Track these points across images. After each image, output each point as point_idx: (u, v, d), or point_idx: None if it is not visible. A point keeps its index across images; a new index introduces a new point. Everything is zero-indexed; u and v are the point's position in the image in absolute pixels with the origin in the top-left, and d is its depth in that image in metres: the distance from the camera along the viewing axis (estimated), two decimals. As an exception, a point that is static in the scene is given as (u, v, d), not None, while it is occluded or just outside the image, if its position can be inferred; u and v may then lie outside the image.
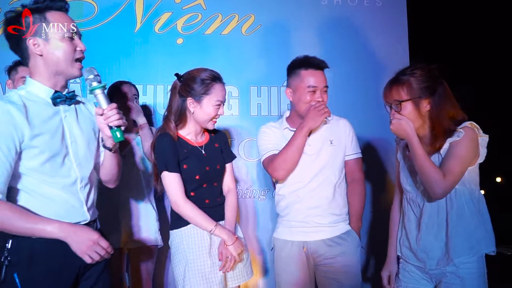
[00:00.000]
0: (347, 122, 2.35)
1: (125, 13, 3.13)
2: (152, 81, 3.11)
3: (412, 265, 1.97)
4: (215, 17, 3.19)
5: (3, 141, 1.49)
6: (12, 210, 1.50)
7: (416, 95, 1.85)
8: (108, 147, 1.74)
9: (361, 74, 3.21)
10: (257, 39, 3.20)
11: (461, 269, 1.83)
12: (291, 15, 3.23)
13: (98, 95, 1.64)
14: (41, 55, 1.59)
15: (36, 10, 1.59)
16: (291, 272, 2.23)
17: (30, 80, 1.63)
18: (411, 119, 1.86)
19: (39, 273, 1.54)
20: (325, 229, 2.21)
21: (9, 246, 1.53)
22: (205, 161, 2.08)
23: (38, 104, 1.60)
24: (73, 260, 1.58)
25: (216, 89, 2.03)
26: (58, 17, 1.61)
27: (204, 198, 2.07)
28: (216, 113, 2.06)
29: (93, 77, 1.63)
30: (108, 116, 1.62)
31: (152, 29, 3.15)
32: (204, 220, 2.00)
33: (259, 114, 3.15)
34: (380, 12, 3.28)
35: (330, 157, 2.24)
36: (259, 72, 3.18)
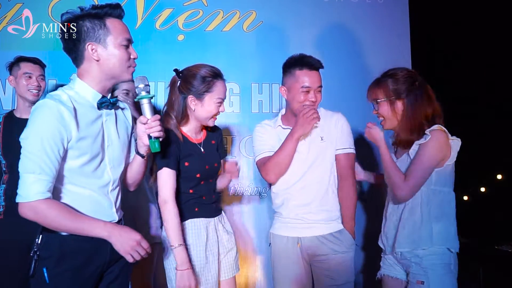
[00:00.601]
0: (340, 116, 2.33)
1: (126, 10, 2.99)
2: (153, 78, 3.10)
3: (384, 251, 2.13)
4: (216, 13, 3.18)
5: (53, 140, 1.52)
6: (59, 209, 1.54)
7: (391, 96, 2.04)
8: (141, 154, 1.79)
9: (362, 71, 3.19)
10: (259, 36, 3.19)
11: (424, 260, 1.94)
12: (293, 12, 3.23)
13: (144, 104, 1.71)
14: (98, 60, 1.62)
15: (96, 16, 1.63)
16: (287, 267, 2.26)
17: (80, 82, 1.66)
18: (388, 117, 2.07)
19: (67, 269, 1.58)
20: (318, 225, 2.22)
21: (39, 241, 1.59)
22: (205, 159, 2.09)
23: (85, 106, 1.64)
24: (99, 257, 1.64)
25: (218, 87, 2.02)
26: (116, 24, 1.66)
27: (202, 195, 2.08)
28: (217, 111, 2.05)
29: (143, 87, 1.71)
30: (151, 126, 1.69)
31: (153, 26, 3.14)
32: (175, 232, 1.92)
33: (260, 111, 3.15)
34: (382, 9, 3.28)
35: (320, 153, 2.25)
36: (261, 69, 3.17)
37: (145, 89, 1.71)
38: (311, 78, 2.19)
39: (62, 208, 1.55)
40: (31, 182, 1.49)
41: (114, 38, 1.63)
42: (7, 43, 3.01)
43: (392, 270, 2.10)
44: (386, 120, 2.08)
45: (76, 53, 1.64)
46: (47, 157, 1.51)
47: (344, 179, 2.28)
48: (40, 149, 1.50)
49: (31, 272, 1.56)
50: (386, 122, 2.09)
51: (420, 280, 1.92)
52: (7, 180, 2.54)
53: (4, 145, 2.55)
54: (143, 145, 1.75)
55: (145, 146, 1.75)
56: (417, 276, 1.94)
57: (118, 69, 1.66)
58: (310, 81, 2.18)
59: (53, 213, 1.52)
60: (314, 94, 2.19)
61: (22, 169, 1.52)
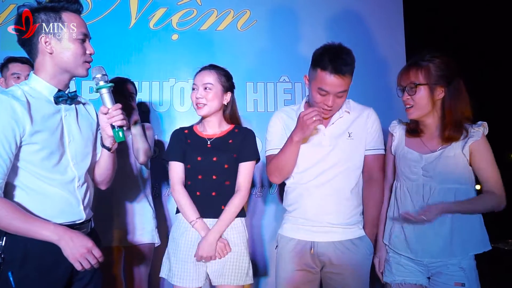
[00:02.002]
0: (372, 112, 2.14)
1: (119, 9, 3.11)
2: (147, 78, 3.09)
3: (404, 256, 1.98)
4: (210, 12, 3.17)
5: (4, 135, 1.49)
6: (9, 208, 1.49)
7: (433, 81, 1.89)
8: (107, 147, 1.76)
9: (357, 68, 3.19)
10: (253, 35, 3.18)
11: (463, 261, 1.88)
12: (287, 10, 3.22)
13: (104, 94, 1.69)
14: (51, 53, 1.60)
15: (52, 9, 1.60)
16: (293, 273, 2.06)
17: (34, 77, 1.64)
18: (422, 104, 1.91)
19: (33, 271, 1.53)
20: (337, 230, 2.03)
21: (2, 243, 1.53)
22: (200, 152, 2.08)
23: (40, 101, 1.61)
24: (67, 259, 1.58)
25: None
26: (73, 18, 1.63)
27: (196, 190, 2.07)
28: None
29: (101, 76, 1.68)
30: (112, 115, 1.66)
31: (147, 25, 3.13)
32: (188, 210, 2.05)
33: (255, 110, 3.14)
34: (376, 3, 3.27)
35: (347, 151, 2.06)
36: (255, 68, 3.16)
37: (103, 78, 1.68)
38: (331, 82, 1.94)
39: (11, 208, 1.49)
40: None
41: (69, 31, 1.60)
42: (7, 43, 2.99)
43: (413, 276, 1.96)
44: (416, 108, 1.92)
45: (30, 46, 1.62)
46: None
47: (372, 181, 2.12)
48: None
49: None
50: (416, 110, 1.93)
51: (460, 282, 1.84)
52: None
53: None
54: (107, 137, 1.73)
55: (110, 137, 1.72)
56: (455, 277, 1.85)
57: (72, 63, 1.63)
58: (329, 87, 1.95)
59: (1, 213, 1.47)
60: (333, 98, 1.98)
61: None
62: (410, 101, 1.93)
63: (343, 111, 2.10)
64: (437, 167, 1.90)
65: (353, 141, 2.08)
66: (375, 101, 3.09)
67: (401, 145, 2.05)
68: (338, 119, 2.10)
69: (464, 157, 1.90)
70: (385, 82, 3.12)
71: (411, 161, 1.97)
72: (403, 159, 2.01)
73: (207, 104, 2.10)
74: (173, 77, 3.09)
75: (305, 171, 2.09)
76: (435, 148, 1.94)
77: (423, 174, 1.93)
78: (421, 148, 1.97)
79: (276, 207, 3.03)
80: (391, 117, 2.24)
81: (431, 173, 1.91)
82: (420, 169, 1.94)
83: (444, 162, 1.90)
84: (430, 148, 1.95)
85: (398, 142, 2.07)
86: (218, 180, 2.07)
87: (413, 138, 2.02)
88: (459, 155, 1.90)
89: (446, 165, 1.89)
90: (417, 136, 2.01)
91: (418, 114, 1.95)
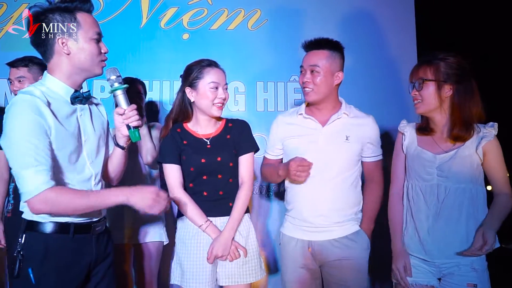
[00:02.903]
0: (371, 121, 2.20)
1: (131, 9, 3.13)
2: (158, 77, 3.11)
3: (416, 257, 1.97)
4: (221, 12, 3.18)
5: (38, 131, 1.50)
6: (69, 193, 1.53)
7: (441, 78, 1.92)
8: (121, 146, 1.78)
9: (367, 68, 3.18)
10: (264, 34, 3.19)
11: (475, 261, 1.87)
12: (298, 10, 3.21)
13: (119, 95, 1.70)
14: (68, 54, 1.61)
15: (66, 9, 1.61)
16: (295, 271, 2.15)
17: (50, 77, 1.63)
18: (429, 99, 1.93)
19: (53, 268, 1.55)
20: (331, 229, 2.10)
21: (22, 241, 1.56)
22: (203, 153, 2.04)
23: (59, 101, 1.62)
24: (85, 256, 1.62)
25: (209, 72, 2.01)
26: (87, 18, 1.64)
27: (203, 190, 2.04)
28: (214, 96, 2.00)
29: (115, 78, 1.69)
30: (128, 116, 1.69)
31: (158, 25, 3.14)
32: (195, 214, 1.99)
33: (265, 110, 3.14)
34: (387, 4, 3.26)
35: (342, 153, 2.12)
36: (266, 68, 3.16)
37: (118, 80, 1.69)
38: (305, 58, 2.16)
39: (71, 191, 1.54)
40: (32, 176, 1.46)
41: (85, 32, 1.61)
42: (8, 43, 3.03)
43: (423, 276, 1.96)
44: (423, 103, 1.95)
45: (45, 47, 1.61)
46: (37, 148, 1.48)
47: (371, 181, 2.22)
48: (28, 143, 1.47)
49: (16, 273, 1.52)
50: (423, 105, 1.96)
51: (472, 283, 1.84)
52: (16, 178, 2.55)
53: None
54: (122, 136, 1.75)
55: (124, 137, 1.75)
56: (468, 278, 1.86)
57: (89, 63, 1.64)
58: (304, 62, 2.16)
59: (65, 199, 1.51)
60: (308, 75, 2.11)
61: (17, 167, 1.48)
62: (418, 96, 1.97)
63: (341, 112, 2.16)
64: (452, 167, 1.91)
65: (350, 145, 2.13)
66: (386, 101, 3.10)
67: (413, 144, 2.04)
68: (336, 120, 2.15)
69: (478, 157, 1.91)
70: (396, 81, 3.10)
71: (425, 161, 1.97)
72: (417, 159, 2.00)
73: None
74: (184, 77, 3.11)
75: None
76: (448, 148, 1.95)
77: (438, 174, 1.93)
78: (434, 148, 1.97)
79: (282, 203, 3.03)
80: (402, 117, 2.22)
81: (446, 173, 1.91)
82: (435, 169, 1.94)
83: (459, 162, 1.90)
84: (444, 148, 1.95)
85: (409, 141, 2.06)
86: (223, 179, 2.07)
87: (425, 137, 2.02)
88: (473, 155, 1.91)
89: (461, 165, 1.90)
90: (428, 135, 2.01)
91: (424, 109, 1.97)
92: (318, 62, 2.10)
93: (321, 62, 2.10)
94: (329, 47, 2.14)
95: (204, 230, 1.99)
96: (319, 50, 2.13)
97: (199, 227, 1.99)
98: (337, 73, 2.14)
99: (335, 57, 2.13)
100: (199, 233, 2.01)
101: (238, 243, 2.02)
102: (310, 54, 2.15)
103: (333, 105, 2.18)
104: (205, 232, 1.99)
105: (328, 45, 2.14)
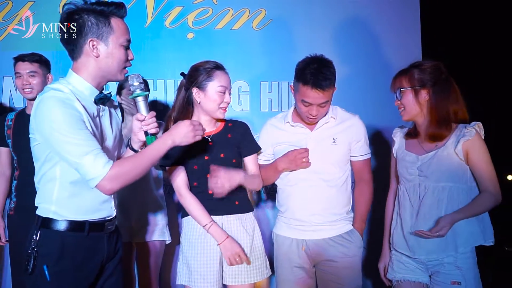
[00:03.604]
0: (357, 121, 2.24)
1: (136, 8, 3.14)
2: (162, 76, 3.12)
3: (404, 254, 2.03)
4: (225, 11, 3.18)
5: (80, 122, 1.53)
6: (128, 161, 1.60)
7: (416, 84, 2.00)
8: (135, 150, 1.79)
9: (372, 69, 3.18)
10: (268, 34, 3.19)
11: (459, 260, 1.92)
12: (302, 10, 3.22)
13: (140, 102, 1.71)
14: (97, 57, 1.61)
15: (101, 13, 1.61)
16: (290, 270, 2.18)
17: (76, 76, 1.63)
18: (409, 106, 2.02)
19: (68, 266, 1.56)
20: (325, 228, 2.15)
21: (37, 237, 1.56)
22: (206, 150, 2.04)
23: (85, 101, 1.62)
24: (97, 254, 1.64)
25: (219, 75, 2.02)
26: (120, 24, 1.64)
27: (207, 189, 2.00)
28: (221, 100, 2.02)
29: (138, 84, 1.70)
30: (148, 123, 1.70)
31: (163, 24, 3.15)
32: (199, 214, 1.99)
33: (269, 110, 3.14)
34: (392, 6, 3.26)
35: (330, 156, 2.17)
36: (270, 68, 3.17)
37: (140, 86, 1.70)
38: (313, 96, 2.05)
39: (129, 160, 1.61)
40: (92, 161, 1.49)
41: (117, 38, 1.62)
42: (9, 43, 3.04)
43: (412, 273, 2.02)
44: (406, 110, 2.03)
45: (75, 45, 1.61)
46: (86, 134, 1.52)
47: (362, 181, 2.27)
48: (75, 134, 1.49)
49: (30, 270, 1.53)
50: (406, 112, 2.04)
51: (456, 280, 1.89)
52: (18, 176, 2.56)
53: (14, 141, 2.56)
54: (138, 141, 1.76)
55: (140, 142, 1.76)
56: (452, 276, 1.90)
57: (115, 68, 1.65)
58: (311, 99, 2.06)
59: (129, 168, 1.56)
60: (316, 109, 2.09)
61: (75, 158, 1.50)
62: (400, 105, 2.06)
63: (329, 117, 2.21)
64: (430, 167, 1.98)
65: (337, 147, 2.18)
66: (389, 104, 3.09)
67: (401, 148, 2.13)
68: (323, 124, 2.20)
69: (457, 156, 1.96)
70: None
71: (408, 162, 2.06)
72: (401, 161, 2.10)
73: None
74: (188, 76, 3.11)
75: (291, 173, 2.19)
76: (430, 149, 2.02)
77: (419, 174, 2.01)
78: (418, 149, 2.06)
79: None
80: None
81: (425, 172, 1.98)
82: (416, 170, 2.02)
83: (438, 161, 1.97)
84: (426, 149, 2.03)
85: (398, 146, 2.16)
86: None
87: (411, 140, 2.11)
88: (452, 154, 1.96)
89: (439, 164, 1.96)
90: (414, 138, 2.09)
91: (408, 116, 2.05)
92: (327, 98, 2.09)
93: (329, 97, 2.10)
94: (334, 82, 2.10)
95: (207, 231, 1.98)
96: (326, 89, 2.06)
97: (203, 227, 1.99)
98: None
99: (335, 84, 2.13)
100: (206, 232, 2.00)
101: (242, 251, 1.98)
102: (317, 93, 2.05)
103: None
104: (208, 233, 1.98)
105: (333, 81, 2.09)
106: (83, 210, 1.61)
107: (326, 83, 2.04)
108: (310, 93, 2.05)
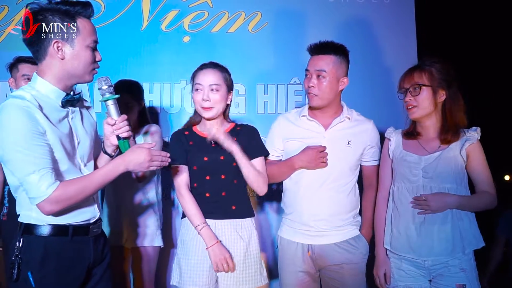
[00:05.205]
0: (372, 126, 2.22)
1: (131, 11, 3.14)
2: (159, 80, 3.11)
3: (406, 260, 2.00)
4: (221, 14, 3.18)
5: (35, 133, 1.47)
6: (73, 184, 1.53)
7: (435, 84, 1.98)
8: (109, 154, 1.76)
9: (368, 71, 3.18)
10: (264, 37, 3.19)
11: (464, 262, 1.92)
12: (298, 13, 3.22)
13: (110, 105, 1.69)
14: (62, 59, 1.57)
15: (67, 13, 1.56)
16: (295, 274, 2.14)
17: (40, 79, 1.59)
18: (425, 104, 1.98)
19: (52, 271, 1.54)
20: (332, 233, 2.11)
21: (20, 244, 1.54)
22: (207, 152, 2.02)
23: (50, 105, 1.58)
24: (83, 259, 1.61)
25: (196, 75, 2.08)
26: (86, 25, 1.60)
27: (205, 191, 2.01)
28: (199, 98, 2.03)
29: (107, 88, 1.67)
30: (119, 127, 1.67)
31: (159, 27, 3.15)
32: (193, 214, 1.97)
33: (266, 112, 3.14)
34: (388, 9, 3.26)
35: (343, 157, 2.12)
36: (266, 70, 3.16)
37: (109, 90, 1.67)
38: (311, 62, 2.14)
39: (75, 182, 1.54)
40: (36, 181, 1.46)
41: (83, 39, 1.57)
42: (9, 43, 3.03)
43: (414, 280, 1.99)
44: (419, 108, 1.99)
45: (39, 47, 1.56)
46: (36, 152, 1.46)
47: (371, 187, 2.24)
48: (25, 149, 1.45)
49: (15, 277, 1.51)
50: (419, 110, 2.00)
51: (461, 283, 1.89)
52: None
53: None
54: (111, 145, 1.74)
55: (113, 146, 1.73)
56: (457, 279, 1.90)
57: (82, 70, 1.60)
58: (309, 66, 2.13)
59: (73, 191, 1.52)
60: (315, 78, 2.10)
61: (21, 175, 1.47)
62: (413, 102, 2.00)
63: (343, 116, 2.18)
64: (437, 168, 1.97)
65: (351, 150, 2.15)
66: (386, 105, 3.10)
67: (398, 148, 2.10)
68: (338, 123, 2.16)
69: (461, 159, 1.98)
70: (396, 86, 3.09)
71: (411, 163, 2.02)
72: (402, 162, 2.05)
73: (214, 107, 2.04)
74: (185, 79, 3.10)
75: (301, 172, 2.14)
76: (433, 150, 2.01)
77: (423, 175, 1.99)
78: (420, 150, 2.04)
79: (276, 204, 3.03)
80: (402, 122, 2.23)
81: (431, 174, 1.97)
82: (420, 171, 2.00)
83: (444, 163, 1.97)
84: (429, 150, 2.02)
85: (395, 146, 2.12)
86: (227, 180, 2.03)
87: (410, 140, 2.08)
88: (458, 157, 1.98)
89: (446, 166, 1.96)
90: (414, 139, 2.07)
91: (420, 114, 2.01)
92: (325, 67, 2.09)
93: (328, 67, 2.09)
94: (336, 52, 2.12)
95: (199, 232, 1.96)
96: (326, 55, 2.11)
97: (195, 228, 1.97)
98: (342, 78, 2.14)
99: (341, 62, 2.13)
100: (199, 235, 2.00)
101: (230, 257, 1.95)
102: (316, 58, 2.12)
103: (335, 110, 2.19)
104: (199, 235, 1.96)
105: (335, 50, 2.13)
106: (65, 213, 1.57)
107: (322, 47, 2.11)
108: (310, 60, 2.13)
